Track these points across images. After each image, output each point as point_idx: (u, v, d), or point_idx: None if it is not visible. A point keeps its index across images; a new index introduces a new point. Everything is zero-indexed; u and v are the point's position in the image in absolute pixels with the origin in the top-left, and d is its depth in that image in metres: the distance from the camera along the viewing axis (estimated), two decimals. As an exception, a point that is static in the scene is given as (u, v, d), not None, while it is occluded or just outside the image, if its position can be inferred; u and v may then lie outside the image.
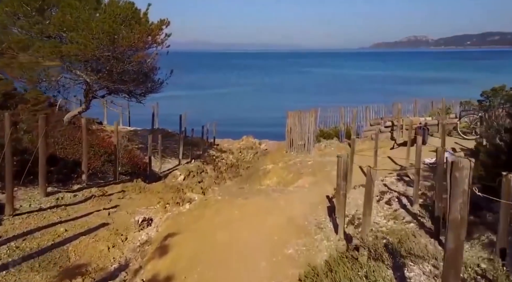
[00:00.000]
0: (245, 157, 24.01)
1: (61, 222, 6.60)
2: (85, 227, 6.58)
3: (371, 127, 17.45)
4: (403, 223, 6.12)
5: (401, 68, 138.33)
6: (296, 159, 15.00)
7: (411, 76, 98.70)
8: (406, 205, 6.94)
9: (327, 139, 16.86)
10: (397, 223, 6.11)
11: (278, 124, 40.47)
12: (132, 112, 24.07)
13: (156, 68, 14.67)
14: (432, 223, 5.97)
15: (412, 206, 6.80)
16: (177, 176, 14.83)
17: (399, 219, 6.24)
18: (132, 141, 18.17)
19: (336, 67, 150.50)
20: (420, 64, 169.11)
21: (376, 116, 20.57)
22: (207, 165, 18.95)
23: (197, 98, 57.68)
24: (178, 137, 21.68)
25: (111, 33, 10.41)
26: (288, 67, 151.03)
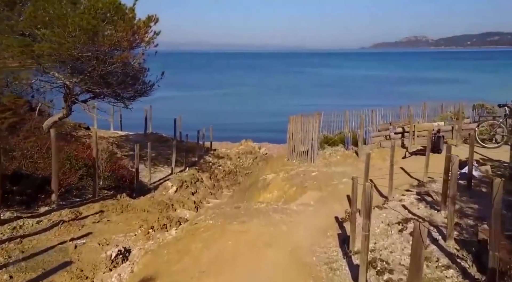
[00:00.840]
0: (244, 162, 22.80)
1: (7, 265, 5.31)
2: (40, 270, 5.30)
3: (379, 133, 16.18)
4: (439, 268, 4.86)
5: (402, 68, 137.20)
6: (299, 169, 13.72)
7: (412, 76, 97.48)
8: (438, 239, 5.69)
9: (332, 146, 15.58)
10: (431, 267, 4.85)
11: (277, 126, 39.14)
12: (124, 116, 22.79)
13: (145, 70, 13.43)
14: (478, 269, 4.70)
15: (445, 241, 5.55)
16: (169, 187, 13.57)
17: (432, 261, 4.98)
18: (122, 148, 16.90)
19: (337, 67, 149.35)
20: (420, 64, 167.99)
21: (383, 121, 19.35)
22: (203, 172, 17.70)
23: (194, 99, 56.44)
24: (172, 143, 20.43)
25: (90, 30, 9.14)
26: (288, 67, 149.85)
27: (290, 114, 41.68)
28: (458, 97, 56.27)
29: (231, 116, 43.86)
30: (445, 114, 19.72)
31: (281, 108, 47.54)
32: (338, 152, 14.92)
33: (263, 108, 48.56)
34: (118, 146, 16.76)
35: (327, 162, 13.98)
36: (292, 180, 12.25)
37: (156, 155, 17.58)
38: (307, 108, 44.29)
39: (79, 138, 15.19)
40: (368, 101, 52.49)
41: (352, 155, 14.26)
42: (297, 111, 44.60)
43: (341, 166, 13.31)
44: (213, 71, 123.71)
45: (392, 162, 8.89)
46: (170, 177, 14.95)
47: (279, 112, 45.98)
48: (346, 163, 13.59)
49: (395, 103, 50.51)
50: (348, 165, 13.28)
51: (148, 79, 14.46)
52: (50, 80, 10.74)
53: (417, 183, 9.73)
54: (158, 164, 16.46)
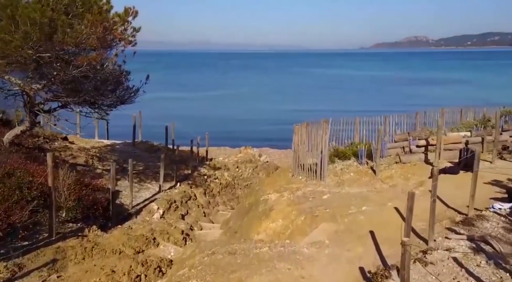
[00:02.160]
0: (243, 172, 20.84)
1: None
2: None
3: (395, 144, 14.23)
4: None
5: (403, 68, 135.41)
6: (306, 188, 11.76)
7: (413, 77, 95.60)
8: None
9: (342, 160, 13.61)
10: None
11: (278, 129, 37.25)
12: (112, 124, 20.73)
13: (126, 73, 11.46)
14: None
15: None
16: (154, 210, 11.59)
17: None
18: (105, 161, 14.91)
19: (337, 67, 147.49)
20: (422, 64, 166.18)
21: (396, 128, 17.44)
22: (197, 188, 15.73)
23: (191, 101, 54.48)
24: (163, 152, 18.43)
25: (46, 25, 7.19)
26: (288, 67, 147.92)
27: (291, 118, 39.55)
28: (462, 98, 53.69)
29: (229, 118, 41.87)
30: (466, 121, 17.75)
31: (281, 110, 45.60)
32: (351, 167, 12.94)
33: (262, 111, 46.57)
34: (100, 159, 14.77)
35: (339, 180, 12.01)
36: (299, 204, 10.28)
37: (144, 168, 15.61)
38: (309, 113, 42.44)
39: (53, 151, 13.19)
40: (372, 102, 50.60)
41: (367, 172, 12.29)
42: (299, 115, 42.33)
43: (356, 185, 11.34)
44: (213, 71, 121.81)
45: (434, 195, 6.86)
46: (158, 196, 12.97)
47: (279, 114, 44.00)
48: (362, 182, 11.62)
49: (399, 105, 47.92)
50: (364, 185, 11.32)
51: (132, 84, 12.52)
52: (3, 86, 8.81)
53: (461, 217, 7.74)
54: (145, 179, 14.48)
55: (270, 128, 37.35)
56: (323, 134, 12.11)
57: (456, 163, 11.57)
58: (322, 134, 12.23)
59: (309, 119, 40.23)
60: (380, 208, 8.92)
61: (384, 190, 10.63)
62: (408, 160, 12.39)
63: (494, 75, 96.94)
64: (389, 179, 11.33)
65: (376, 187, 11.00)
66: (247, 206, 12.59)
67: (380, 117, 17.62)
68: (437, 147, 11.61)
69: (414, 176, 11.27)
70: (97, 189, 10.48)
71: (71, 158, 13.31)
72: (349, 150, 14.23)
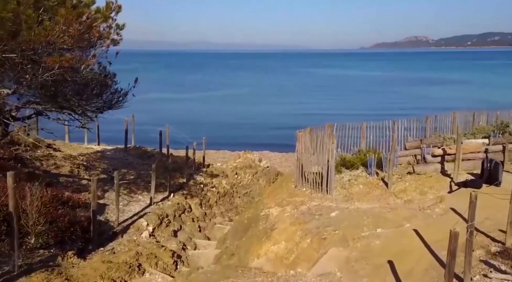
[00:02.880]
0: (243, 179, 19.74)
1: None
2: None
3: (407, 152, 13.12)
4: None
5: (404, 69, 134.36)
6: (311, 202, 10.65)
7: (415, 77, 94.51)
8: None
9: (350, 170, 12.48)
10: None
11: (278, 132, 36.11)
12: (104, 128, 19.64)
13: (111, 76, 10.36)
14: None
15: None
16: (143, 228, 10.47)
17: None
18: (92, 169, 13.80)
19: (338, 67, 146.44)
20: (422, 64, 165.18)
21: (406, 134, 16.35)
22: (192, 198, 14.62)
23: (188, 102, 53.34)
24: (156, 160, 17.32)
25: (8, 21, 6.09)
26: (288, 68, 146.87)
27: (291, 120, 38.04)
28: (466, 98, 52.20)
29: (228, 120, 40.71)
30: (481, 126, 16.65)
31: (281, 112, 44.46)
32: (360, 178, 11.81)
33: (262, 112, 45.40)
34: (87, 168, 13.65)
35: (347, 193, 10.89)
36: (304, 223, 9.16)
37: (135, 178, 14.50)
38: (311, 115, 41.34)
39: (34, 160, 12.08)
40: (373, 104, 49.43)
41: (378, 184, 11.17)
42: (300, 118, 41.03)
43: (367, 200, 10.23)
44: (212, 71, 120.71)
45: (472, 225, 5.71)
46: (148, 210, 11.85)
47: (279, 116, 42.77)
48: (372, 195, 10.50)
49: (403, 107, 46.36)
50: (375, 200, 10.20)
51: (120, 87, 11.41)
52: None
53: (498, 247, 6.61)
54: (135, 190, 13.37)
55: (270, 131, 36.24)
56: (330, 142, 11.00)
57: (478, 175, 10.46)
58: (328, 142, 11.11)
59: (311, 122, 38.93)
60: (398, 231, 7.81)
61: (399, 206, 9.52)
62: (423, 170, 11.28)
63: (496, 76, 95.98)
64: (403, 193, 10.22)
65: (389, 203, 9.89)
66: (246, 221, 11.48)
67: (388, 122, 16.52)
68: (457, 157, 10.49)
69: (431, 189, 10.15)
70: (78, 205, 9.37)
71: (54, 168, 12.22)
72: (357, 158, 13.11)
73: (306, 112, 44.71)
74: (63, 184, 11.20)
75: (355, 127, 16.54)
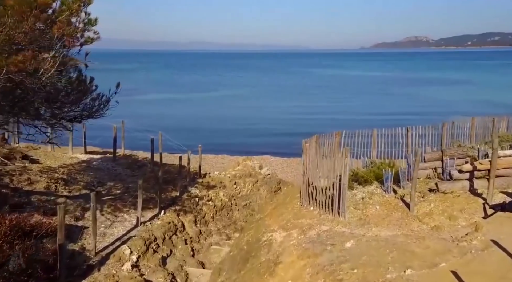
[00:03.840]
0: (242, 189, 18.28)
1: None
2: None
3: (426, 164, 11.70)
4: None
5: (406, 69, 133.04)
6: (321, 226, 9.22)
7: (417, 77, 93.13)
8: None
9: (363, 186, 11.03)
10: None
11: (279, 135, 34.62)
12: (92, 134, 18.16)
13: (88, 80, 8.92)
14: None
15: None
16: (125, 257, 8.99)
17: None
18: (73, 185, 12.32)
19: (338, 68, 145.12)
20: (424, 64, 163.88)
21: (419, 141, 14.95)
22: (186, 214, 13.18)
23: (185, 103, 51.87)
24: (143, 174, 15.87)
25: None
26: (288, 68, 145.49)
27: (293, 123, 35.95)
28: (471, 100, 50.28)
29: (227, 123, 39.18)
30: (504, 134, 15.20)
31: (282, 114, 42.91)
32: (375, 195, 10.35)
33: (262, 114, 43.84)
34: (68, 182, 12.15)
35: (362, 215, 9.43)
36: (315, 256, 7.68)
37: (122, 192, 13.03)
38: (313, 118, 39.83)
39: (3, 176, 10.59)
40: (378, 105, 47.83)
41: (397, 205, 9.70)
42: (302, 120, 38.97)
43: (386, 225, 8.77)
44: (211, 71, 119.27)
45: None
46: (134, 232, 10.38)
47: (280, 119, 41.30)
48: (392, 219, 9.04)
49: (410, 109, 44.15)
50: (396, 225, 8.74)
51: (102, 92, 9.97)
52: None
53: None
54: (121, 207, 11.88)
55: (271, 134, 34.74)
56: (342, 157, 9.53)
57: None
58: (340, 157, 9.64)
59: (313, 125, 37.19)
60: (432, 273, 6.36)
61: (426, 234, 8.06)
62: (449, 188, 9.81)
63: (499, 76, 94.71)
64: (429, 217, 8.75)
65: (413, 229, 8.43)
66: (245, 246, 10.01)
67: (402, 129, 15.17)
68: (492, 174, 9.01)
69: (462, 213, 8.69)
70: (47, 233, 7.89)
71: (27, 184, 10.77)
72: (370, 172, 11.65)
73: (308, 114, 43.25)
74: (35, 204, 9.75)
75: (365, 134, 15.16)
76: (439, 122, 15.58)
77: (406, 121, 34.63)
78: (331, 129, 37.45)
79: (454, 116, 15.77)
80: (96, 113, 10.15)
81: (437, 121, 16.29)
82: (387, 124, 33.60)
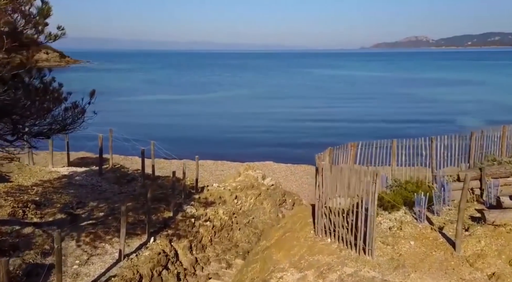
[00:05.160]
0: (244, 204, 16.57)
1: None
2: None
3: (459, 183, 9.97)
4: None
5: (408, 69, 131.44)
6: (343, 268, 7.44)
7: (420, 78, 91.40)
8: None
9: (389, 212, 9.26)
10: None
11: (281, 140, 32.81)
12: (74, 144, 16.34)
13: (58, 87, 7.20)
14: None
15: None
16: (100, 309, 7.17)
17: None
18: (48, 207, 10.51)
19: (339, 68, 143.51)
20: (425, 64, 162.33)
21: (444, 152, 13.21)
22: (179, 240, 11.42)
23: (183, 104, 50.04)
24: (137, 185, 14.12)
25: None
26: (288, 68, 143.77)
27: (296, 126, 33.52)
28: (480, 100, 47.83)
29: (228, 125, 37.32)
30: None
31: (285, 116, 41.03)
32: (405, 225, 8.57)
33: (264, 116, 41.98)
34: (40, 205, 10.34)
35: (393, 253, 7.65)
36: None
37: (106, 215, 11.23)
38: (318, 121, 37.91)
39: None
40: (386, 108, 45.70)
41: (435, 239, 7.91)
42: (306, 125, 36.32)
43: (427, 269, 6.99)
44: (212, 72, 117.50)
45: None
46: (116, 270, 8.60)
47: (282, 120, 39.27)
48: (434, 260, 7.25)
49: (419, 112, 40.86)
50: (439, 269, 6.96)
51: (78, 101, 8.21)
52: None
53: None
54: (103, 235, 10.08)
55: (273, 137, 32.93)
56: (371, 181, 7.72)
57: None
58: (368, 181, 7.84)
59: (318, 129, 34.55)
60: None
61: None
62: (499, 219, 8.02)
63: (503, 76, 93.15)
64: (482, 260, 6.97)
65: (464, 278, 6.66)
66: None
67: (424, 140, 13.44)
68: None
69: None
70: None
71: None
72: (396, 194, 9.85)
73: (311, 115, 41.45)
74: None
75: (383, 146, 13.42)
76: (467, 132, 13.86)
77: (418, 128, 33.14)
78: (335, 135, 35.06)
79: (493, 127, 13.99)
80: (69, 126, 8.40)
81: (453, 127, 14.64)
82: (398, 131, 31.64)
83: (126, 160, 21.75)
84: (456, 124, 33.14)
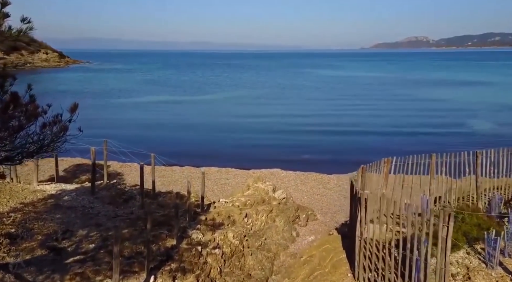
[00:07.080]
0: (254, 223, 14.80)
1: None
2: None
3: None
4: None
5: (409, 69, 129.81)
6: None
7: (423, 78, 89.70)
8: None
9: (448, 251, 7.37)
10: None
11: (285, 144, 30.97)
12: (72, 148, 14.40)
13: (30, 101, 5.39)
14: None
15: None
16: None
17: None
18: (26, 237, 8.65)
19: (339, 68, 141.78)
20: (426, 65, 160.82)
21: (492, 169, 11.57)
22: (185, 275, 9.65)
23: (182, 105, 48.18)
24: (136, 205, 12.27)
25: None
26: (288, 68, 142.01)
27: (300, 130, 31.25)
28: (489, 102, 45.44)
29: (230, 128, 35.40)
30: None
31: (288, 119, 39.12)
32: (473, 272, 6.73)
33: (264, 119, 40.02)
34: (17, 237, 8.46)
35: (470, 317, 5.81)
36: None
37: (97, 247, 9.37)
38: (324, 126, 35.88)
39: None
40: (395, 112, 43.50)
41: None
42: (313, 131, 33.59)
43: None
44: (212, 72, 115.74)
45: None
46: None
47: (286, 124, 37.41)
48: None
49: (429, 115, 37.90)
50: None
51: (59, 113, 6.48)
52: None
53: None
54: (92, 275, 8.21)
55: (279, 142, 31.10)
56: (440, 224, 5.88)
57: None
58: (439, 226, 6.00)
59: (320, 131, 31.64)
60: None
61: None
62: None
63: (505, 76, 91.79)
64: None
65: None
66: None
67: (468, 155, 11.71)
68: None
69: None
70: None
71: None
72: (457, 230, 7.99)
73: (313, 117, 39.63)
74: None
75: (420, 162, 11.68)
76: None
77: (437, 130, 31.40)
78: (340, 133, 32.16)
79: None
80: (48, 147, 6.62)
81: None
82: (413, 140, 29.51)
83: (125, 166, 20.10)
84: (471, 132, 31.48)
